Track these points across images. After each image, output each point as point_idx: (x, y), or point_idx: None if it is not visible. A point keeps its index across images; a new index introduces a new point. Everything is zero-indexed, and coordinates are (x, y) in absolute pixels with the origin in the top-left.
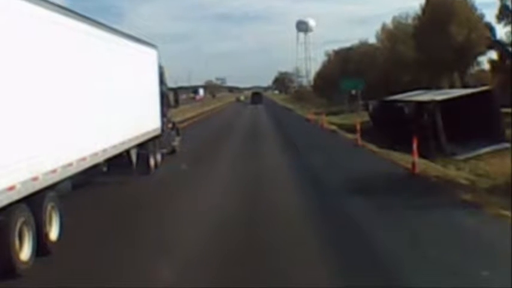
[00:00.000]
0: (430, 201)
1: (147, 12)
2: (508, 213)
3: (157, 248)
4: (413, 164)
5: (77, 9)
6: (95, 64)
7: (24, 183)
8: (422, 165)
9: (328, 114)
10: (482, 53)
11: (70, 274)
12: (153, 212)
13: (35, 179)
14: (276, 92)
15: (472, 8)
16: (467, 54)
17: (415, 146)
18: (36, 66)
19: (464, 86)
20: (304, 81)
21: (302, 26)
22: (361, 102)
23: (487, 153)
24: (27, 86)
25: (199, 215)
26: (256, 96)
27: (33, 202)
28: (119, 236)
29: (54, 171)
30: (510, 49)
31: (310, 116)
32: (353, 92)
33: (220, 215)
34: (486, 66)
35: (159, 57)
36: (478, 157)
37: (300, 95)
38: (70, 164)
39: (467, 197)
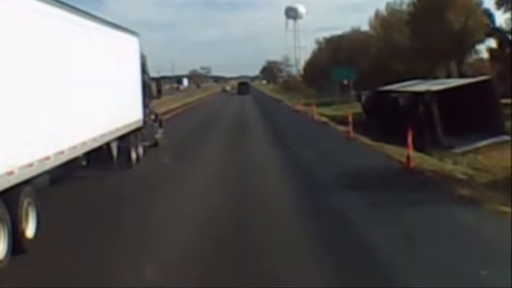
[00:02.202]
0: (425, 197)
1: None
2: (508, 209)
3: (139, 247)
4: (408, 158)
5: None
6: (72, 53)
7: None
8: (418, 159)
9: (318, 105)
10: (481, 41)
11: (47, 274)
12: (135, 209)
13: (10, 173)
14: (264, 82)
15: None
16: (464, 43)
17: (410, 139)
18: (8, 56)
19: (462, 76)
20: (294, 71)
21: (291, 13)
22: (353, 92)
23: (486, 146)
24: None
25: (183, 213)
26: (243, 86)
27: (9, 198)
28: (98, 234)
29: (30, 165)
30: (510, 37)
31: (300, 107)
32: (345, 82)
33: (205, 213)
34: (485, 54)
35: (141, 46)
36: (476, 150)
37: (289, 85)
38: (47, 158)
39: (465, 192)
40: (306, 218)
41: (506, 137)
